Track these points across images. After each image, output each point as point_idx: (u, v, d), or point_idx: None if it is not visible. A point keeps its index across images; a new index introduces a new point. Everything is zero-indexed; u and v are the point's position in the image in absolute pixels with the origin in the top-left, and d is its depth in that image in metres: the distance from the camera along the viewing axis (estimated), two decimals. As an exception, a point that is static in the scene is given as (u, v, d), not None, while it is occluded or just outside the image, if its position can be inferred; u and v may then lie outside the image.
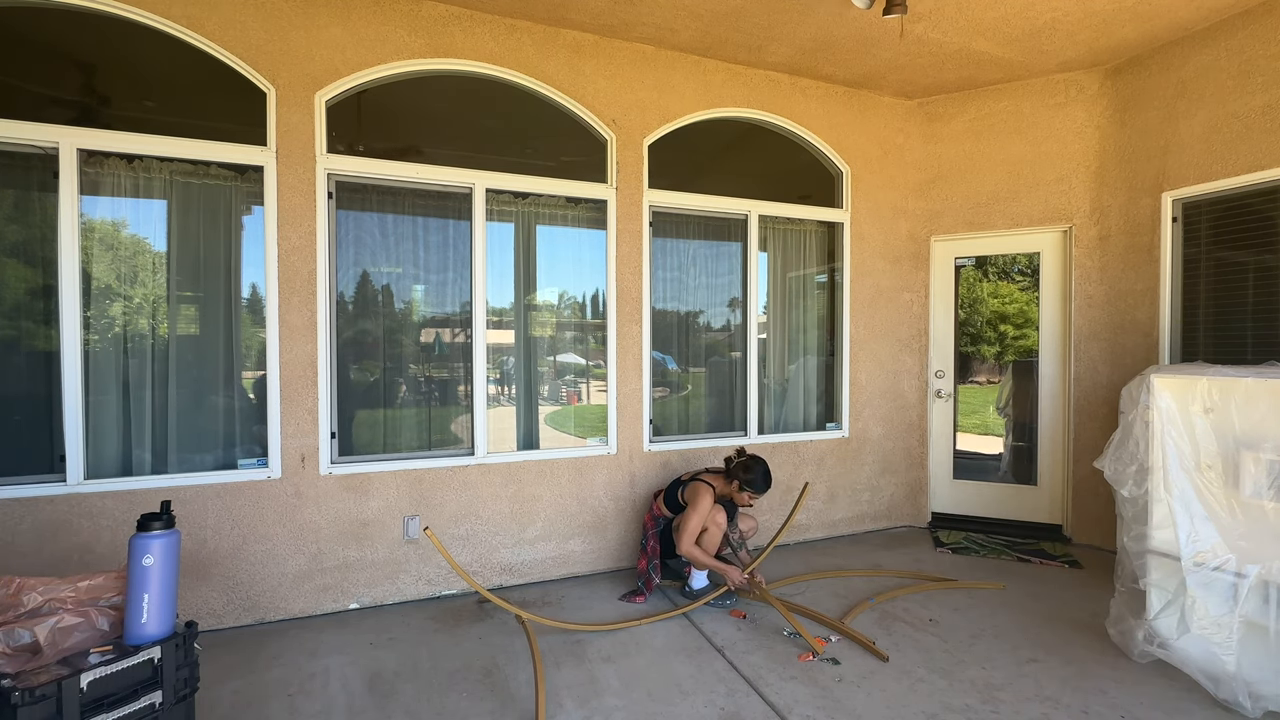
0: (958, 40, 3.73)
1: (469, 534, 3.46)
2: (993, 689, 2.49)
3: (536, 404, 3.78)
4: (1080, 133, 4.20)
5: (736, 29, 3.62)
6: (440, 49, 3.37)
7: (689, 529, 3.16)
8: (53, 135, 2.76)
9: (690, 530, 3.16)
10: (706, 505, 3.20)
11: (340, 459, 3.26)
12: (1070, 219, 4.24)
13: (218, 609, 3.00)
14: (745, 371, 4.24)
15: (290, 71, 3.11)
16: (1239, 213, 3.50)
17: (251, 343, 3.15)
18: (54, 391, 2.79)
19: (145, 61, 3.00)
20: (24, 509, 2.71)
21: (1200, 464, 2.62)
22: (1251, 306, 3.44)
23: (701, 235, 4.20)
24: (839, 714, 2.33)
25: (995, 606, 3.26)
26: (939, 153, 4.62)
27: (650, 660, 2.72)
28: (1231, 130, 3.45)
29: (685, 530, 3.16)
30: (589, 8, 3.40)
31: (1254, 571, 2.39)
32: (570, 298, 3.89)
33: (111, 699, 1.75)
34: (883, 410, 4.61)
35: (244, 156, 3.06)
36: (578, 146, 3.80)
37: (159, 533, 1.92)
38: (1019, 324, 4.99)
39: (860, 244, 4.52)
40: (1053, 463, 4.41)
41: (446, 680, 2.56)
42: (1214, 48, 3.54)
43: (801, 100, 4.29)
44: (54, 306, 2.79)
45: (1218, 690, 2.39)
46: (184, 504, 2.93)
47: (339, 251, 3.30)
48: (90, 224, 2.87)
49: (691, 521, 3.16)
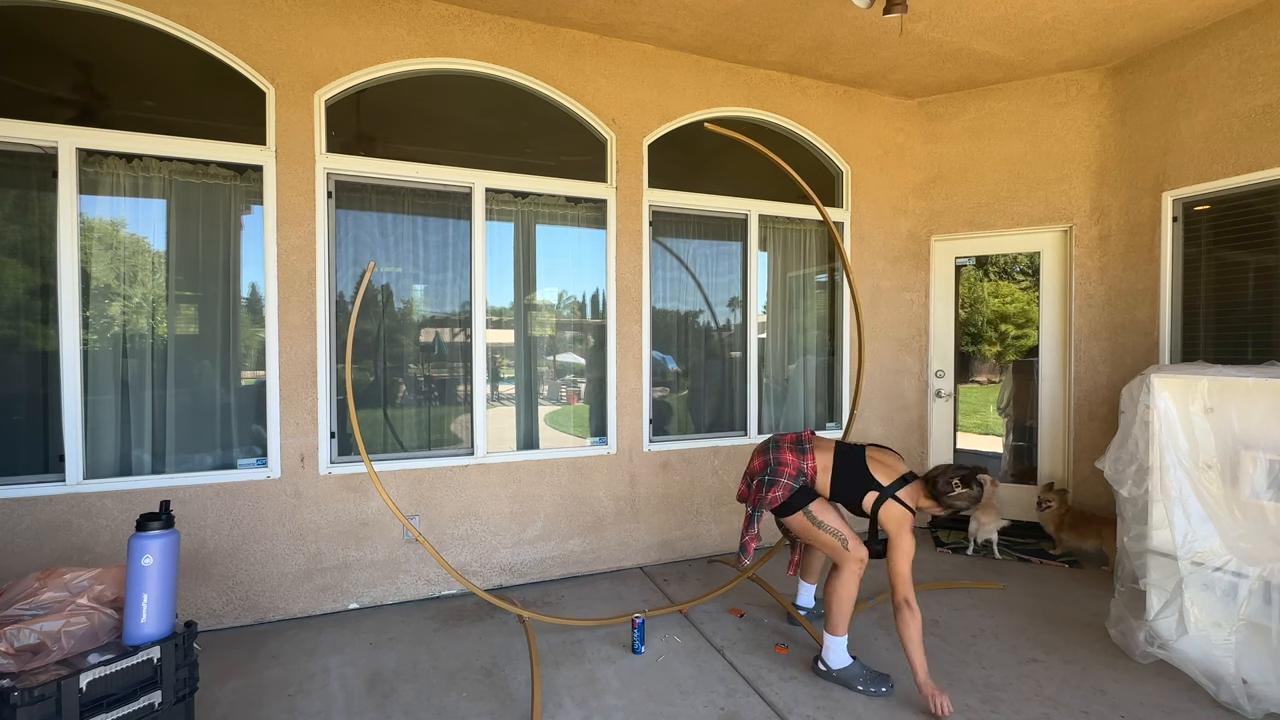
0: (958, 39, 3.73)
1: (469, 534, 3.46)
2: (993, 689, 2.49)
3: (536, 404, 3.77)
4: (1081, 132, 4.19)
5: (736, 28, 3.61)
6: (440, 48, 3.37)
7: (903, 564, 2.37)
8: (52, 134, 2.76)
9: (903, 566, 2.37)
10: (909, 523, 2.44)
11: (340, 459, 3.25)
12: (1070, 218, 4.24)
13: (217, 609, 2.99)
14: (745, 371, 4.24)
15: (290, 71, 3.10)
16: (1239, 212, 3.49)
17: (251, 342, 3.15)
18: (53, 391, 2.78)
19: (144, 61, 3.00)
20: (23, 509, 2.71)
21: (1200, 464, 2.62)
22: (1252, 306, 3.43)
23: (701, 235, 4.19)
24: (839, 714, 2.32)
25: (995, 606, 3.26)
26: (939, 152, 4.62)
27: (650, 660, 2.72)
28: (1232, 130, 3.45)
29: (899, 568, 2.37)
30: (589, 7, 3.39)
31: (1254, 572, 2.39)
32: (570, 297, 3.89)
33: (111, 699, 1.75)
34: (883, 410, 4.60)
35: (243, 156, 3.06)
36: (577, 146, 3.79)
37: (158, 533, 1.92)
38: (1020, 324, 4.99)
39: (860, 243, 4.52)
40: (1053, 463, 4.40)
41: (446, 680, 2.56)
42: (1214, 47, 3.54)
43: (801, 99, 4.29)
44: (53, 306, 2.78)
45: (1218, 691, 2.39)
46: (183, 504, 2.93)
47: (338, 251, 3.29)
48: (89, 223, 2.87)
49: (902, 547, 2.39)
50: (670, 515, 3.95)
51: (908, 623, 2.32)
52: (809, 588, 3.11)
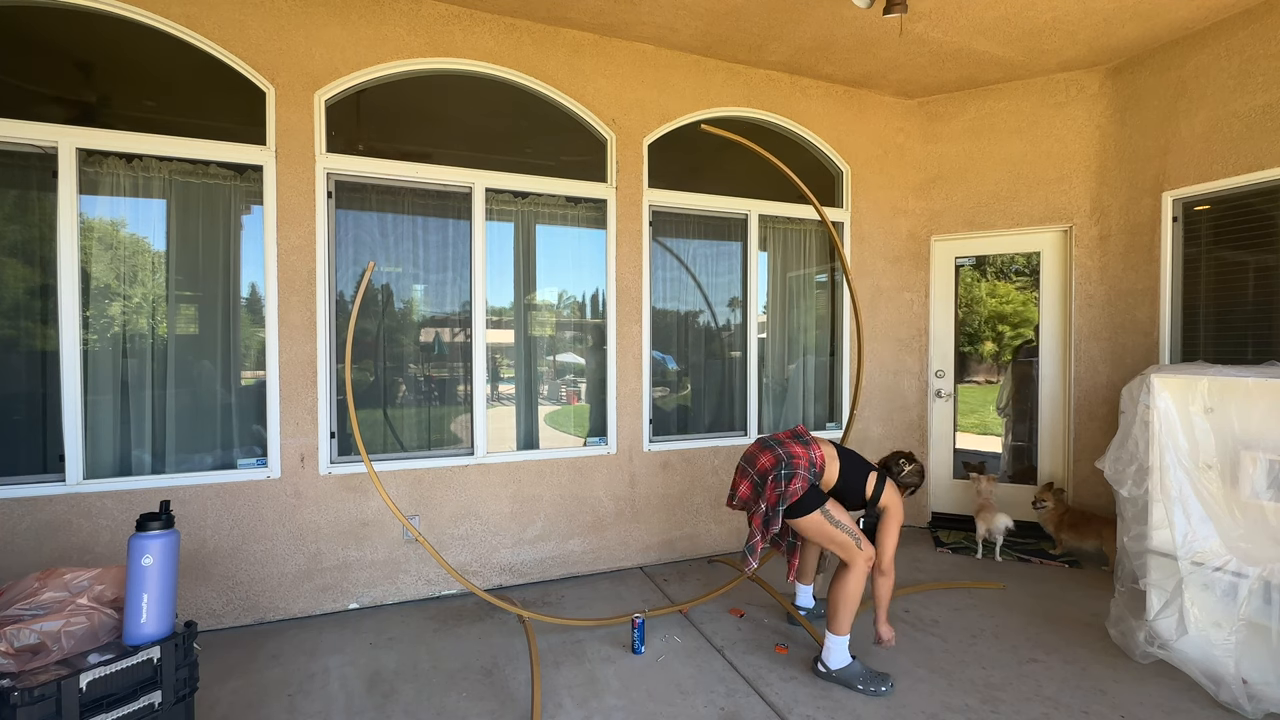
0: (958, 39, 3.73)
1: (469, 534, 3.45)
2: (993, 689, 2.49)
3: (536, 403, 3.77)
4: (1080, 132, 4.19)
5: (736, 28, 3.61)
6: (440, 48, 3.37)
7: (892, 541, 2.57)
8: (52, 135, 2.76)
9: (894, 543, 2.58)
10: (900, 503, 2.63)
11: (340, 459, 3.25)
12: (1070, 218, 4.24)
13: (217, 609, 2.99)
14: (745, 371, 4.24)
15: (290, 71, 3.10)
16: (1240, 212, 3.49)
17: (251, 342, 3.15)
18: (53, 391, 2.78)
19: (144, 61, 3.00)
20: (23, 509, 2.71)
21: (1200, 464, 2.62)
22: (1252, 306, 3.43)
23: (701, 235, 4.19)
24: (839, 714, 2.32)
25: (995, 606, 3.26)
26: (939, 152, 4.62)
27: (650, 660, 2.72)
28: (1232, 130, 3.45)
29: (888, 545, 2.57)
30: (589, 7, 3.39)
31: (1254, 572, 2.39)
32: (570, 297, 3.89)
33: (111, 699, 1.75)
34: (883, 410, 4.60)
35: (243, 156, 3.06)
36: (577, 146, 3.79)
37: (158, 533, 1.91)
38: (1015, 324, 4.99)
39: (860, 244, 4.52)
40: (1053, 463, 4.40)
41: (446, 680, 2.56)
42: (1214, 47, 3.54)
43: (801, 100, 4.29)
44: (53, 306, 2.78)
45: (1218, 691, 2.39)
46: (183, 504, 2.93)
47: (338, 251, 3.29)
48: (89, 223, 2.87)
49: (893, 526, 2.58)
50: (670, 515, 3.95)
51: (885, 585, 2.57)
52: (806, 589, 3.12)
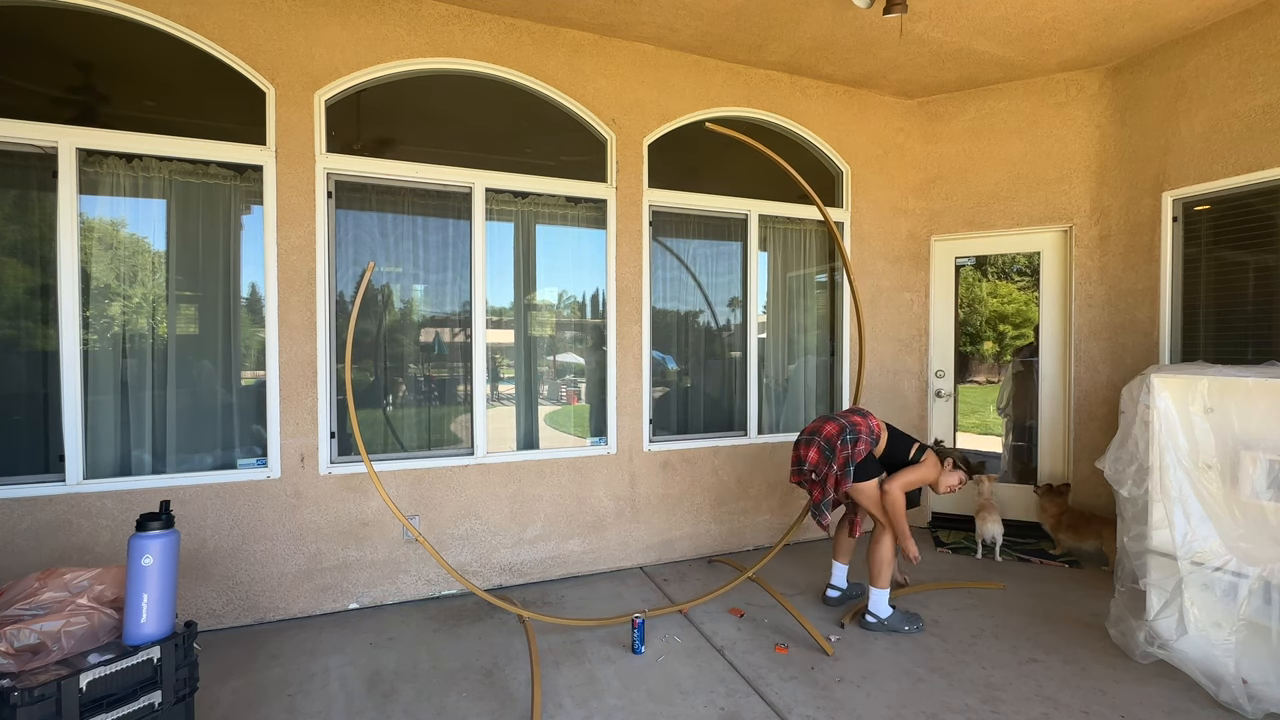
0: (958, 39, 3.73)
1: (469, 534, 3.45)
2: (993, 689, 2.49)
3: (536, 404, 3.77)
4: (1080, 132, 4.19)
5: (737, 28, 3.61)
6: (440, 48, 3.37)
7: (908, 479, 2.91)
8: (52, 134, 2.76)
9: (908, 481, 2.91)
10: (934, 471, 2.97)
11: (340, 459, 3.25)
12: (1070, 218, 4.24)
13: (217, 609, 2.99)
14: (745, 371, 4.24)
15: (290, 71, 3.10)
16: (1239, 212, 3.49)
17: (251, 342, 3.15)
18: (53, 391, 2.78)
19: (144, 61, 3.00)
20: (23, 509, 2.71)
21: (1200, 464, 2.62)
22: (1252, 306, 3.43)
23: (701, 235, 4.19)
24: (839, 714, 2.32)
25: (995, 606, 3.26)
26: (939, 152, 4.62)
27: (650, 660, 2.72)
28: (1232, 130, 3.45)
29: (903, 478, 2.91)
30: (589, 7, 3.39)
31: (1254, 572, 2.39)
32: (570, 297, 3.89)
33: (111, 699, 1.75)
34: (883, 410, 4.60)
35: (243, 156, 3.06)
36: (577, 146, 3.79)
37: (158, 533, 1.92)
38: (1017, 324, 4.99)
39: (860, 243, 4.52)
40: (1053, 462, 4.40)
41: (446, 680, 2.56)
42: (1214, 47, 3.54)
43: (801, 100, 4.28)
44: (53, 306, 2.78)
45: (1218, 691, 2.39)
46: (183, 504, 2.93)
47: (338, 251, 3.29)
48: (89, 223, 2.87)
49: (916, 474, 2.93)
50: (670, 515, 3.95)
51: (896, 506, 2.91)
52: (842, 568, 3.29)
